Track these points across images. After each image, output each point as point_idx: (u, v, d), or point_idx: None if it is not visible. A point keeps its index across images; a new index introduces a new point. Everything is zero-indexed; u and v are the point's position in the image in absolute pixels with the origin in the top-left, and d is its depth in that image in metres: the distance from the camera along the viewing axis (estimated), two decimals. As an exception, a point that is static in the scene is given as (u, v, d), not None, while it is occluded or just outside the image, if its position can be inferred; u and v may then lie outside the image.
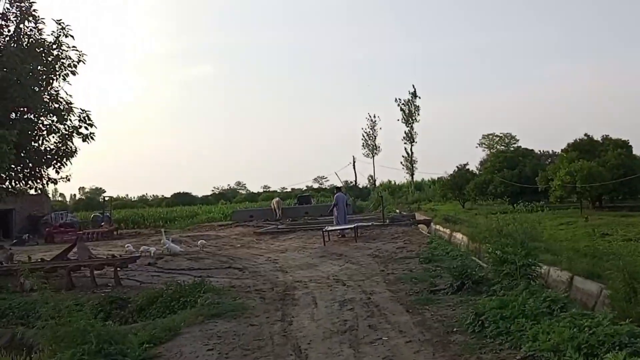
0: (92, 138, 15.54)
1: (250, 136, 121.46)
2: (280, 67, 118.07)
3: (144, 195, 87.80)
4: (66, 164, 15.28)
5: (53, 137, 15.10)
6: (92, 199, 78.66)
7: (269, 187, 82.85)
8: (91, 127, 15.36)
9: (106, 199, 40.79)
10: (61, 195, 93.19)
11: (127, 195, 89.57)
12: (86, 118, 15.24)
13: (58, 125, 14.90)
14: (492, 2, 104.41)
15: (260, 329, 6.25)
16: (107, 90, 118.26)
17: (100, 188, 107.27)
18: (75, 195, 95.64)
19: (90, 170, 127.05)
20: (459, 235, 13.90)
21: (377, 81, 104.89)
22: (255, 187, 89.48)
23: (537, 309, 5.17)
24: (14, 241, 26.69)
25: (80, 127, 15.26)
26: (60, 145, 15.17)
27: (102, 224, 28.99)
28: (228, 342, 5.82)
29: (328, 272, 10.26)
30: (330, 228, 16.45)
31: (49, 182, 15.80)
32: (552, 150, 39.77)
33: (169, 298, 8.34)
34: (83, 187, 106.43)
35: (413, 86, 57.45)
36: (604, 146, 27.94)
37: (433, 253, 10.65)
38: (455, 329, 5.57)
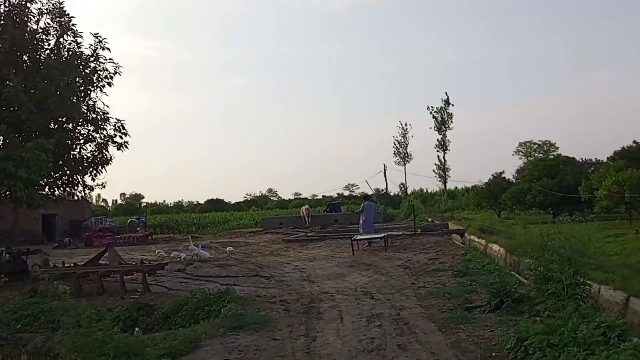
0: (126, 146, 15.80)
1: (282, 144, 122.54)
2: (313, 77, 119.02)
3: (180, 201, 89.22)
4: (101, 172, 15.57)
5: (90, 145, 15.42)
6: (131, 205, 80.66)
7: (300, 194, 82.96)
8: (125, 135, 15.62)
9: (142, 204, 41.43)
10: (104, 200, 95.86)
11: (164, 201, 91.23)
12: (121, 127, 15.52)
13: (94, 134, 15.20)
14: (530, 9, 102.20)
15: (282, 344, 6.00)
16: (146, 101, 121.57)
17: (139, 194, 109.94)
18: (116, 200, 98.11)
19: (131, 177, 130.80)
20: (495, 247, 13.32)
21: (409, 91, 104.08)
22: (286, 194, 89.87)
23: (591, 337, 4.61)
24: (56, 244, 27.42)
25: (115, 136, 15.55)
26: (96, 153, 15.46)
27: (138, 229, 29.46)
28: (249, 358, 5.59)
29: (356, 284, 9.94)
30: (359, 237, 16.11)
31: (85, 189, 16.12)
32: (595, 159, 38.24)
33: (193, 307, 8.20)
34: (124, 193, 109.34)
35: (446, 93, 56.41)
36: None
37: (468, 266, 10.14)
38: (494, 354, 5.13)
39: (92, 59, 15.12)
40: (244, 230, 30.15)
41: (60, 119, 14.22)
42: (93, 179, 15.39)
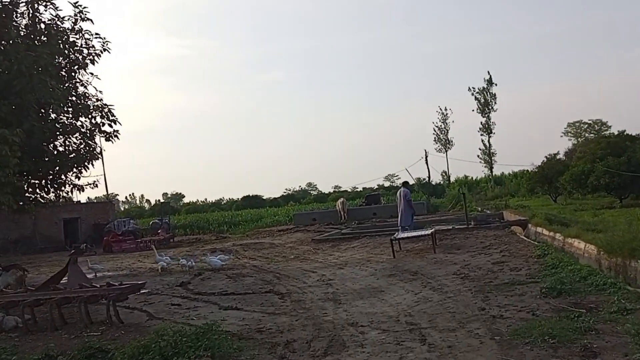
0: (116, 136, 13.42)
1: (321, 136, 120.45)
2: (348, 67, 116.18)
3: (221, 199, 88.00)
4: (87, 167, 13.25)
5: (73, 137, 13.14)
6: (166, 204, 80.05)
7: (339, 187, 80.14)
8: (115, 123, 13.21)
9: (166, 203, 39.73)
10: (147, 201, 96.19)
11: (205, 199, 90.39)
12: (109, 113, 13.11)
13: (74, 121, 12.86)
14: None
15: None
16: (185, 100, 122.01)
17: (180, 193, 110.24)
18: (159, 200, 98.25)
19: (174, 175, 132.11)
20: (579, 245, 10.14)
21: (448, 75, 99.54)
22: (326, 188, 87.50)
23: None
24: (72, 251, 25.61)
25: (103, 124, 13.17)
26: (81, 145, 13.17)
27: (159, 231, 27.42)
28: None
29: (398, 307, 7.10)
30: (401, 235, 13.20)
31: (73, 189, 13.88)
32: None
33: (158, 354, 5.60)
34: (166, 193, 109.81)
35: (488, 72, 52.34)
36: None
37: (558, 276, 7.04)
38: None
39: (72, 33, 12.77)
40: (273, 229, 27.63)
41: (33, 105, 11.87)
42: (78, 177, 13.10)
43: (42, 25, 12.43)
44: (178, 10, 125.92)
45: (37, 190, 13.23)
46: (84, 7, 12.57)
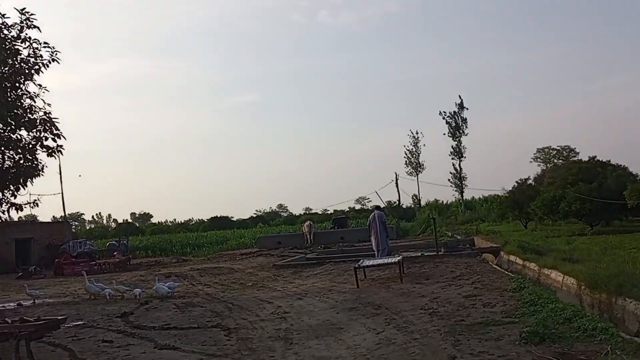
0: (60, 152, 12.22)
1: (294, 158, 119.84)
2: (321, 91, 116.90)
3: (189, 220, 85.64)
4: (26, 185, 11.98)
5: (11, 151, 11.92)
6: (125, 225, 77.25)
7: (310, 209, 79.11)
8: (59, 138, 12.04)
9: (122, 224, 38.03)
10: (114, 221, 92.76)
11: (174, 219, 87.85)
12: (52, 127, 11.94)
13: (11, 135, 11.66)
14: (538, 16, 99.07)
15: None
16: (154, 120, 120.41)
17: (148, 213, 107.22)
18: (126, 220, 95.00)
19: (143, 195, 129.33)
20: (557, 277, 9.40)
21: (419, 101, 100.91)
22: (297, 210, 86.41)
23: None
24: (20, 274, 23.74)
25: (46, 138, 11.99)
26: (20, 161, 11.94)
27: (115, 253, 25.79)
28: None
29: (356, 350, 6.14)
30: (366, 263, 12.28)
31: (10, 209, 12.53)
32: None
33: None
34: (134, 213, 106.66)
35: (460, 97, 52.75)
36: None
37: (539, 317, 6.15)
38: None
39: (18, 41, 11.67)
40: (236, 252, 26.36)
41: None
42: (14, 195, 11.81)
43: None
44: (145, 31, 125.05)
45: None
46: (31, 14, 11.50)
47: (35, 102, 12.05)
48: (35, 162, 12.09)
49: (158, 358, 6.80)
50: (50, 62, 11.98)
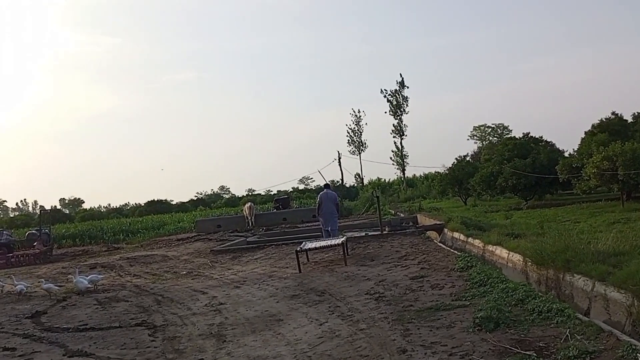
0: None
1: (235, 139, 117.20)
2: (262, 70, 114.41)
3: (125, 205, 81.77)
4: None
5: None
6: (57, 211, 72.71)
7: (253, 190, 77.80)
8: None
9: (42, 211, 35.51)
10: (41, 207, 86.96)
11: (109, 204, 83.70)
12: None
13: None
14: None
15: None
16: (90, 99, 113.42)
17: (79, 199, 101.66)
18: (55, 206, 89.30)
19: (74, 180, 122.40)
20: (502, 253, 9.13)
21: (361, 81, 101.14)
22: (239, 191, 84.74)
23: None
24: None
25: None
26: None
27: (35, 243, 23.71)
28: None
29: (296, 346, 5.45)
30: (309, 245, 11.61)
31: None
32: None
33: None
34: (63, 199, 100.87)
35: (400, 75, 52.93)
36: (637, 125, 23.55)
37: (491, 299, 5.71)
38: None
39: None
40: (172, 237, 25.03)
41: None
42: None
43: None
44: (76, 4, 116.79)
45: None
46: None
47: None
48: None
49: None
50: None
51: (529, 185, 26.22)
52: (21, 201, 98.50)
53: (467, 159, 39.59)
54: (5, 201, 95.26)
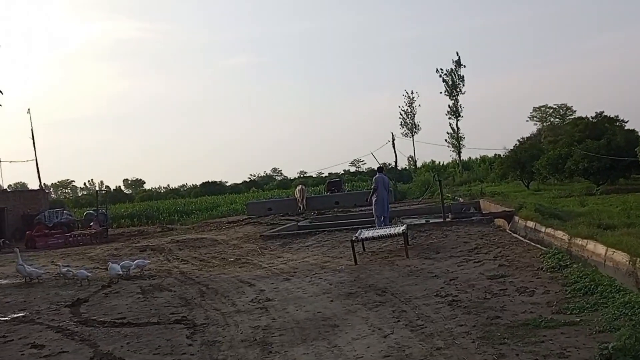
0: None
1: (288, 121, 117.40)
2: (316, 53, 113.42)
3: (183, 186, 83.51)
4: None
5: None
6: (118, 192, 75.15)
7: (305, 172, 77.30)
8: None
9: (101, 191, 36.06)
10: (107, 187, 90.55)
11: (168, 185, 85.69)
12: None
13: None
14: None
15: None
16: (154, 85, 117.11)
17: (140, 179, 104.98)
18: (119, 187, 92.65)
19: (137, 161, 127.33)
20: (597, 249, 7.69)
21: (416, 61, 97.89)
22: (291, 173, 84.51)
23: None
24: (-13, 248, 21.91)
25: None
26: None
27: (91, 223, 23.95)
28: None
29: (358, 366, 4.41)
30: (365, 234, 10.52)
31: None
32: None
33: None
34: (126, 179, 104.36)
35: (457, 54, 50.08)
36: None
37: (609, 316, 4.45)
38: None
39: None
40: (223, 220, 24.63)
41: None
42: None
43: None
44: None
45: None
46: None
47: None
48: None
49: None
50: None
51: (602, 169, 23.88)
52: (89, 181, 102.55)
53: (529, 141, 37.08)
54: (73, 181, 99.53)
